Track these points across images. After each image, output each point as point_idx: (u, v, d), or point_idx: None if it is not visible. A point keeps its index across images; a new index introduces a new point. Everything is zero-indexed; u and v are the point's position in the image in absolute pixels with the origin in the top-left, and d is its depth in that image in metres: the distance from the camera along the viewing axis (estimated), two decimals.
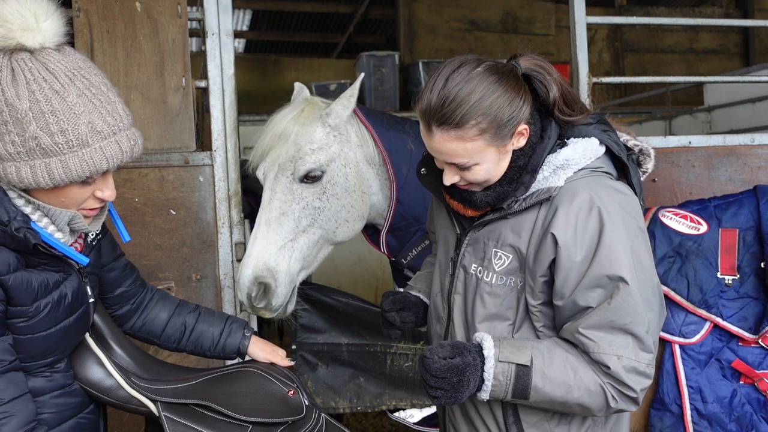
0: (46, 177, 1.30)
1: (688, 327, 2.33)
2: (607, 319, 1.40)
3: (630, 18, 6.24)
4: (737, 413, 2.27)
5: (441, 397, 1.44)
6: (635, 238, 1.44)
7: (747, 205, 2.39)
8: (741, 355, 2.29)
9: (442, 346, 1.46)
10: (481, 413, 1.61)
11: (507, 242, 1.53)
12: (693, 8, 10.43)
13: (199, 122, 2.63)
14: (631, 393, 1.42)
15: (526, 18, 8.93)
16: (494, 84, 1.43)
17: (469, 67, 1.45)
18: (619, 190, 1.50)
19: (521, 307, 1.53)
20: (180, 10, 2.34)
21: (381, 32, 10.73)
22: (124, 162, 1.37)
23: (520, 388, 1.43)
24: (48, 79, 1.29)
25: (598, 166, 1.52)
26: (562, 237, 1.43)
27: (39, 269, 1.40)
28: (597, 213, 1.43)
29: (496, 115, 1.42)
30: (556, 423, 1.54)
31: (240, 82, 2.60)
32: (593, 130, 1.55)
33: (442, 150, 1.47)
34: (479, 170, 1.48)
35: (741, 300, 2.32)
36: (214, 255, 2.37)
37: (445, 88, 1.43)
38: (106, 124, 1.32)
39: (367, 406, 2.69)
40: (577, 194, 1.45)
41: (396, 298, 1.84)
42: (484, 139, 1.43)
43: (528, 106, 1.47)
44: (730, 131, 5.77)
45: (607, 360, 1.40)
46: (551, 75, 1.51)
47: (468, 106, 1.41)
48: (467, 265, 1.61)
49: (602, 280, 1.41)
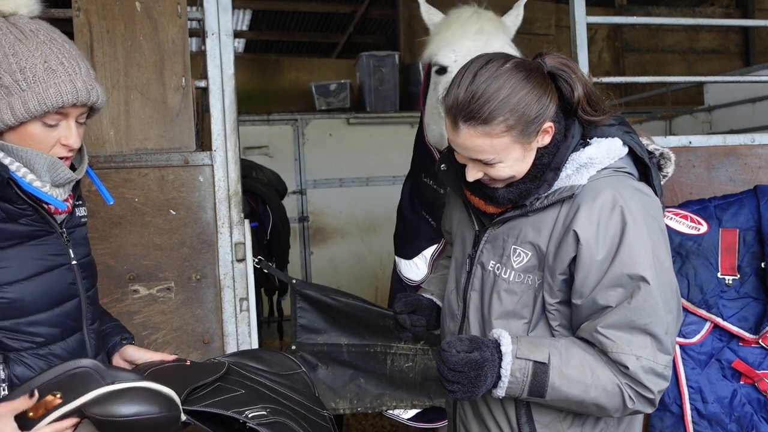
0: (8, 113, 1.40)
1: (689, 327, 2.33)
2: (626, 318, 1.40)
3: (630, 18, 6.23)
4: (737, 413, 2.27)
5: (457, 391, 1.43)
6: (657, 239, 1.44)
7: (747, 205, 2.39)
8: (741, 356, 2.29)
9: (461, 340, 1.45)
10: (493, 412, 1.59)
11: (527, 239, 1.52)
12: (693, 8, 10.42)
13: (199, 122, 2.63)
14: (648, 394, 1.41)
15: (526, 18, 8.86)
16: (522, 81, 1.42)
17: (497, 63, 1.44)
18: (642, 190, 1.50)
19: (538, 305, 1.52)
20: (180, 10, 2.34)
21: (381, 32, 10.72)
22: (80, 101, 1.45)
23: (536, 386, 1.42)
24: (14, 32, 1.43)
25: (621, 166, 1.52)
26: (584, 234, 1.43)
27: (19, 223, 1.45)
28: (620, 212, 1.43)
29: (524, 112, 1.41)
30: (569, 424, 1.53)
31: (240, 82, 2.60)
32: (616, 131, 1.55)
33: (468, 146, 1.46)
34: (503, 167, 1.47)
35: (741, 300, 2.32)
36: (214, 255, 2.37)
37: (473, 84, 1.42)
38: (62, 65, 1.44)
39: (368, 406, 2.69)
40: (600, 193, 1.45)
41: (408, 300, 1.82)
42: (510, 135, 1.43)
43: (554, 104, 1.47)
44: (730, 131, 5.77)
45: (625, 360, 1.39)
46: (576, 74, 1.49)
47: (496, 102, 1.40)
48: (485, 262, 1.60)
49: (623, 279, 1.40)
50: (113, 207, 2.27)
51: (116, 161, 2.29)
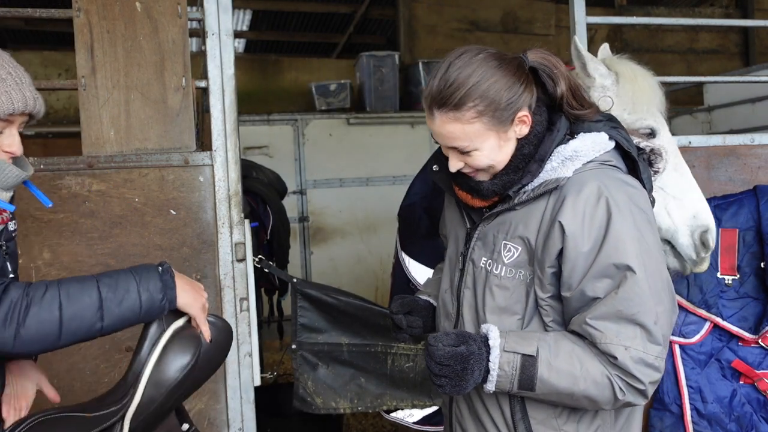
0: None
1: (688, 327, 2.33)
2: (614, 308, 1.40)
3: (630, 18, 6.24)
4: (737, 413, 2.27)
5: (446, 385, 1.45)
6: (643, 230, 1.45)
7: (747, 205, 2.39)
8: (741, 355, 2.29)
9: (447, 335, 1.47)
10: (488, 408, 1.60)
11: (516, 234, 1.54)
12: (693, 8, 10.42)
13: (199, 122, 2.63)
14: (639, 385, 1.41)
15: (526, 18, 8.92)
16: (493, 69, 1.47)
17: (470, 53, 1.50)
18: (628, 182, 1.52)
19: (530, 301, 1.53)
20: (180, 10, 2.35)
21: (381, 32, 10.72)
22: (27, 109, 1.48)
23: (525, 379, 1.43)
24: None
25: (607, 159, 1.54)
26: (569, 226, 1.44)
27: None
28: (605, 203, 1.44)
29: (493, 98, 1.46)
30: (564, 420, 1.53)
31: (240, 82, 2.60)
32: (603, 126, 1.57)
33: (443, 133, 1.50)
34: (480, 156, 1.51)
35: (741, 300, 2.32)
36: (214, 255, 2.37)
37: (446, 74, 1.48)
38: (10, 75, 1.45)
39: (368, 406, 2.69)
40: (585, 185, 1.47)
41: (405, 301, 1.84)
42: (482, 122, 1.47)
43: (530, 94, 1.50)
44: (730, 131, 5.77)
45: (614, 350, 1.40)
46: (558, 68, 1.53)
47: (466, 88, 1.45)
48: (477, 259, 1.62)
49: (609, 270, 1.42)
50: (113, 207, 2.28)
51: (116, 161, 2.29)
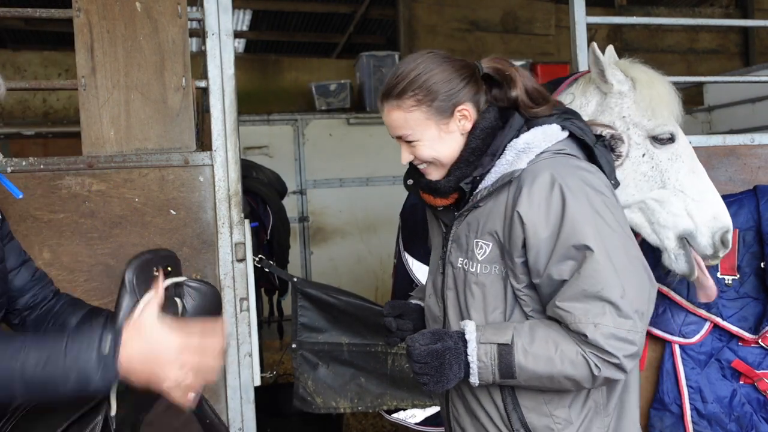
0: None
1: (688, 327, 2.33)
2: (579, 288, 1.46)
3: (630, 18, 6.24)
4: (737, 413, 2.27)
5: (428, 383, 1.52)
6: (601, 210, 1.50)
7: (747, 205, 2.39)
8: (741, 355, 2.29)
9: (423, 335, 1.55)
10: (482, 403, 1.64)
11: (485, 230, 1.60)
12: (693, 8, 10.43)
13: (199, 122, 2.63)
14: (612, 359, 1.45)
15: (526, 18, 8.92)
16: (435, 64, 1.61)
17: (421, 53, 1.67)
18: (581, 167, 1.58)
19: (509, 294, 1.59)
20: (180, 10, 2.35)
21: (381, 32, 10.72)
22: None
23: (504, 367, 1.50)
24: None
25: (561, 148, 1.61)
26: (527, 215, 1.51)
27: None
28: (558, 189, 1.50)
29: (431, 89, 1.59)
30: (555, 406, 1.57)
31: (240, 82, 2.60)
32: (555, 119, 1.65)
33: (389, 122, 1.65)
34: (422, 146, 1.63)
35: (741, 300, 2.32)
36: (215, 255, 2.37)
37: (396, 69, 1.65)
38: None
39: (368, 406, 2.69)
40: (539, 174, 1.54)
41: (396, 304, 1.90)
42: (420, 110, 1.60)
43: (472, 91, 1.62)
44: (730, 131, 5.77)
45: (584, 329, 1.45)
46: (508, 72, 1.64)
47: (408, 79, 1.60)
48: (454, 261, 1.68)
49: (570, 252, 1.48)
50: (113, 207, 2.28)
51: (116, 161, 2.29)
